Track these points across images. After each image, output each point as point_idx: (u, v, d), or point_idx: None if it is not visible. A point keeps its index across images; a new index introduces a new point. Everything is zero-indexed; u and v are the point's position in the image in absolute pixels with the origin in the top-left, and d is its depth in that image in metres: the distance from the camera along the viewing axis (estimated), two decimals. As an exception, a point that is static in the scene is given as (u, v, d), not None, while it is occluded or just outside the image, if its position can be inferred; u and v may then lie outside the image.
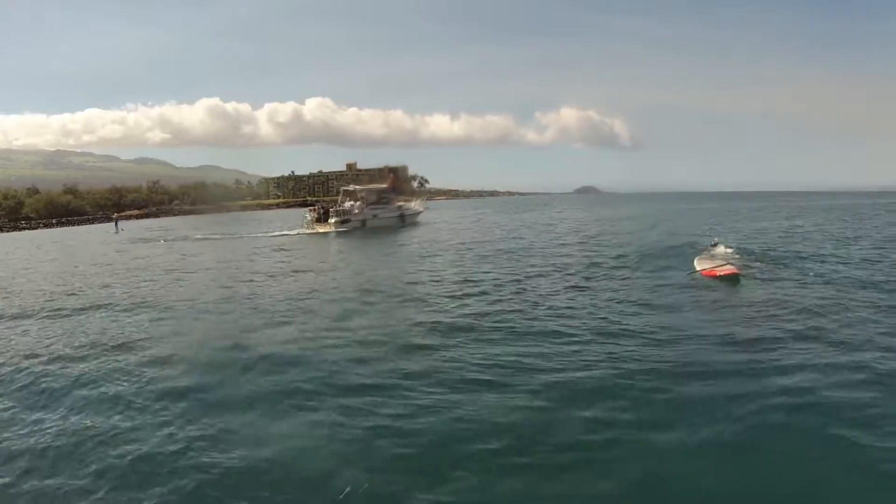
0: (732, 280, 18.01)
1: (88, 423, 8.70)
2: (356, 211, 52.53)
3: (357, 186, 60.12)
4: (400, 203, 59.90)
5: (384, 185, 62.98)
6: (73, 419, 8.91)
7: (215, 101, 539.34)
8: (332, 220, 50.95)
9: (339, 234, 48.28)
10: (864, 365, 9.64)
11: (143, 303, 18.49)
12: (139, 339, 13.57)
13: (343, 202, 54.56)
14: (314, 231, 50.39)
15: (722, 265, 19.49)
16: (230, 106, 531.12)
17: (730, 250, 22.96)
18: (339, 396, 9.24)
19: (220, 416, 8.65)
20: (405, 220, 56.32)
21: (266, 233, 51.87)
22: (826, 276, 18.52)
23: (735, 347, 10.92)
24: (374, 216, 53.35)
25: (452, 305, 15.83)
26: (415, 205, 61.97)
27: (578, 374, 9.80)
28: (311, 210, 56.25)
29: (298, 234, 49.71)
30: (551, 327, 12.99)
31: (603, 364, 10.27)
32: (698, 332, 11.95)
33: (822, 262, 21.93)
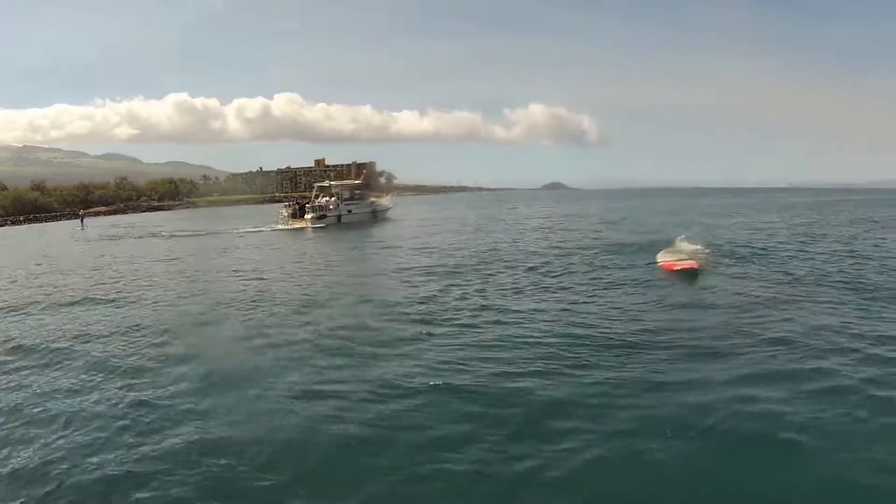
0: (690, 274, 17.71)
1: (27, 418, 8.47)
2: (331, 207, 51.42)
3: (332, 182, 59.27)
4: (372, 199, 59.30)
5: (358, 181, 62.06)
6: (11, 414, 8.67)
7: (184, 96, 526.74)
8: (308, 216, 49.68)
9: (315, 230, 46.91)
10: (800, 370, 9.17)
11: (101, 302, 17.63)
12: (95, 338, 13.01)
13: (317, 198, 53.38)
14: (290, 227, 48.81)
15: (683, 259, 19.28)
16: (198, 101, 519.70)
17: (696, 246, 22.37)
18: (282, 397, 8.82)
19: (157, 414, 8.38)
20: (377, 216, 55.94)
21: (238, 229, 49.47)
22: (791, 272, 18.34)
23: (671, 350, 10.42)
24: (349, 212, 52.52)
25: (416, 304, 15.12)
26: (386, 201, 61.20)
27: (518, 378, 9.19)
28: (286, 206, 55.07)
29: (273, 230, 47.97)
30: (501, 328, 12.45)
31: (544, 367, 9.72)
32: (639, 332, 11.58)
33: (789, 258, 21.83)
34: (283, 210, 53.15)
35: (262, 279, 20.78)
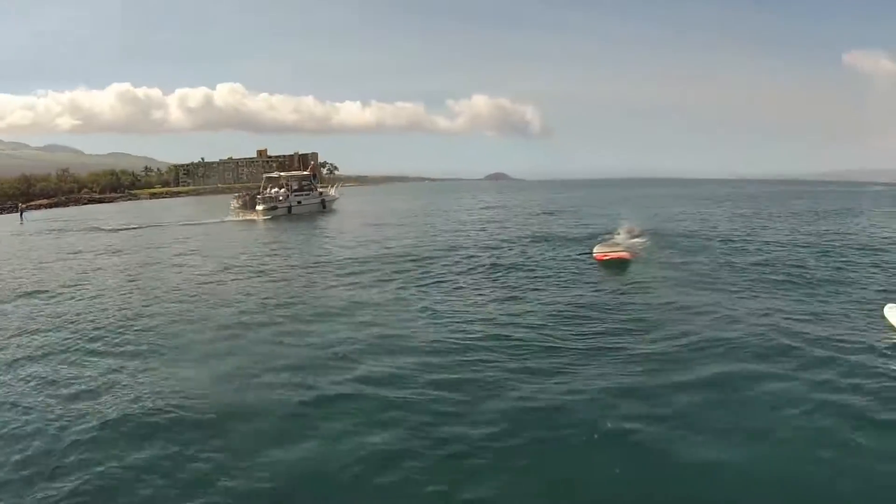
0: (621, 265, 17.62)
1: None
2: (281, 198, 49.73)
3: (281, 173, 58.03)
4: (321, 190, 58.17)
5: (306, 172, 60.01)
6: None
7: (126, 86, 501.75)
8: (259, 208, 47.71)
9: (266, 221, 44.97)
10: (694, 370, 8.84)
11: (34, 298, 16.57)
12: (24, 334, 12.46)
13: (266, 189, 51.60)
14: (242, 219, 46.67)
15: (617, 250, 19.09)
16: (141, 91, 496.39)
17: (635, 237, 22.58)
18: (196, 400, 8.27)
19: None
20: (326, 207, 54.75)
21: (188, 222, 47.37)
22: (725, 262, 18.40)
23: (586, 352, 9.93)
24: (299, 203, 51.12)
25: (349, 305, 14.10)
26: (333, 191, 60.04)
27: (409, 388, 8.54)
28: (236, 197, 52.86)
29: (223, 221, 45.74)
30: (432, 331, 11.62)
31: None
32: (558, 333, 11.06)
33: (728, 247, 21.80)
34: (234, 201, 51.10)
35: (206, 275, 19.59)
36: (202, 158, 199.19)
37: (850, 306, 12.48)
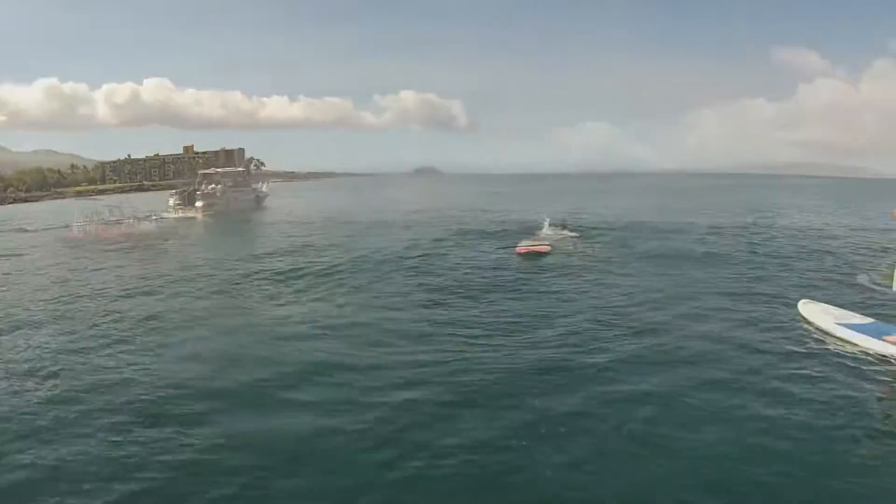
0: (537, 258, 18.39)
1: None
2: (218, 195, 49.32)
3: (218, 170, 57.31)
4: (255, 186, 57.74)
5: (241, 169, 59.54)
6: None
7: (53, 80, 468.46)
8: (198, 205, 46.99)
9: (207, 218, 44.32)
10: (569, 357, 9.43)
11: None
12: None
13: (202, 186, 50.97)
14: (181, 216, 45.64)
15: (538, 244, 20.04)
16: (67, 86, 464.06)
17: (561, 231, 23.12)
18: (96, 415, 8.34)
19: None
20: (260, 203, 54.52)
21: (118, 218, 43.80)
22: (650, 256, 18.83)
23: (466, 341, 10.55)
24: (236, 199, 50.94)
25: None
26: (265, 188, 59.24)
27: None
28: (175, 193, 51.17)
29: (162, 218, 43.37)
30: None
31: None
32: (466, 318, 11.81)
33: (652, 239, 22.22)
34: (172, 198, 49.39)
35: (130, 280, 18.61)
36: (128, 155, 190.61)
37: (769, 301, 12.67)
